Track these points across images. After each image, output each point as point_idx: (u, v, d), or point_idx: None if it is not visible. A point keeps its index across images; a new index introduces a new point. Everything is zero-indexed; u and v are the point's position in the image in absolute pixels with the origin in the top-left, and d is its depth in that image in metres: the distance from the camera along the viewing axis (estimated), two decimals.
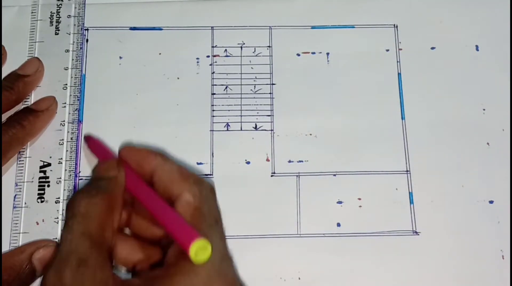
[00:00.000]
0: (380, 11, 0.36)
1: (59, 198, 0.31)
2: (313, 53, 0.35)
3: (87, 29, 0.35)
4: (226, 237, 0.31)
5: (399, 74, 0.34)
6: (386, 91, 0.34)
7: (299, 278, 0.30)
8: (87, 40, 0.35)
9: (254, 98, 0.34)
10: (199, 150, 0.33)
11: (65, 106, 0.33)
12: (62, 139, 0.32)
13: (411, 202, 0.32)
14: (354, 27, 0.35)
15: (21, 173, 0.32)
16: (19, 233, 0.31)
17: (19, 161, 0.32)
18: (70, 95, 0.33)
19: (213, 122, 0.33)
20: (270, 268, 0.31)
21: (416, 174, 0.32)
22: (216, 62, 0.35)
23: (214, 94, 0.34)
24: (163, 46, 0.35)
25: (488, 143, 0.33)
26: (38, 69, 0.33)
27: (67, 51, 0.34)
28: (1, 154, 0.29)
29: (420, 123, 0.33)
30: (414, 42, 0.35)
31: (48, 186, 0.32)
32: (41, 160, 0.32)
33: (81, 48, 0.34)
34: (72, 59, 0.34)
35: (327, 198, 0.32)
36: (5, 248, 0.30)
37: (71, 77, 0.34)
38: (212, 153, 0.33)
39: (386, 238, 0.31)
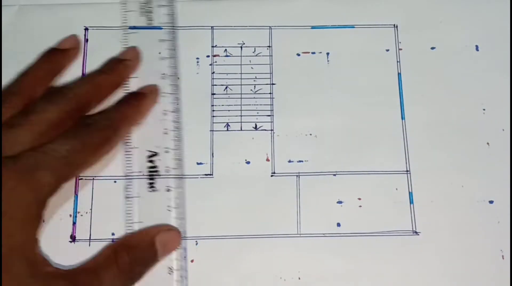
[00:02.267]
0: (380, 11, 0.36)
1: (169, 186, 0.32)
2: (313, 53, 0.35)
3: (87, 29, 0.35)
4: (226, 237, 0.31)
5: (399, 74, 0.34)
6: (386, 91, 0.34)
7: (299, 278, 0.30)
8: (87, 40, 0.35)
9: (254, 98, 0.34)
10: (199, 150, 0.33)
11: (165, 96, 0.33)
12: (166, 128, 0.33)
13: (411, 202, 0.32)
14: (354, 27, 0.35)
15: (130, 163, 0.32)
16: (134, 222, 0.31)
17: (127, 152, 0.32)
18: (170, 85, 0.33)
19: (213, 122, 0.33)
20: (270, 268, 0.31)
21: (416, 174, 0.32)
22: (216, 62, 0.35)
23: (214, 94, 0.34)
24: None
25: (488, 143, 0.33)
26: (137, 56, 0.34)
27: (161, 40, 0.34)
28: None
29: (420, 123, 0.33)
30: (414, 42, 0.35)
31: (158, 175, 0.32)
32: (148, 150, 0.32)
33: (174, 37, 0.35)
34: (167, 49, 0.34)
35: (327, 198, 0.32)
36: None
37: (168, 66, 0.34)
38: (212, 153, 0.33)
39: (386, 238, 0.31)
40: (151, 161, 0.32)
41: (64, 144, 0.28)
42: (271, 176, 0.32)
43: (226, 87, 0.34)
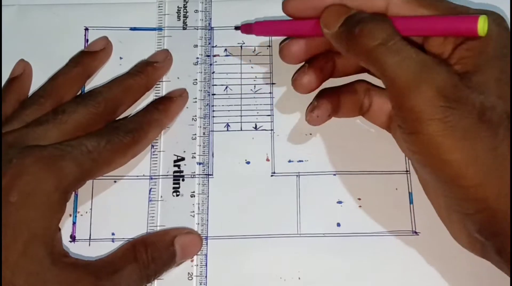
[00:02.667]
0: None
1: (194, 192, 0.32)
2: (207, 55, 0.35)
3: (87, 29, 0.35)
4: (226, 237, 0.31)
5: None
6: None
7: (299, 278, 0.30)
8: (87, 40, 0.35)
9: (254, 98, 0.34)
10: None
11: (196, 101, 0.33)
12: (195, 134, 0.33)
13: (411, 202, 0.32)
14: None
15: (156, 167, 0.32)
16: (156, 226, 0.31)
17: (153, 155, 0.32)
18: (200, 90, 0.34)
19: (213, 122, 0.33)
20: (270, 268, 0.31)
21: (416, 174, 0.32)
22: (216, 62, 0.35)
23: (214, 94, 0.34)
24: (163, 46, 0.35)
25: None
26: (167, 58, 0.34)
27: (196, 46, 0.34)
28: None
29: None
30: None
31: (183, 180, 0.32)
32: (174, 154, 0.32)
33: (209, 43, 0.35)
34: (201, 54, 0.34)
35: (327, 198, 0.32)
36: None
37: (200, 72, 0.34)
38: (212, 153, 0.33)
39: (386, 238, 0.31)
40: (177, 166, 0.32)
41: (90, 140, 0.28)
42: (271, 176, 0.32)
43: (226, 87, 0.34)
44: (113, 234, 0.31)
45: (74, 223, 0.31)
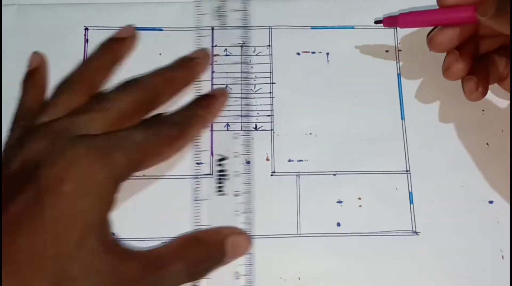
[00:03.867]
0: (379, 12, 0.36)
1: (237, 191, 0.32)
2: (313, 53, 0.35)
3: (87, 29, 0.35)
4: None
5: (399, 75, 0.34)
6: (386, 91, 0.34)
7: (299, 278, 0.30)
8: (87, 40, 0.35)
9: (254, 98, 0.34)
10: (199, 150, 0.33)
11: (237, 100, 0.33)
12: (237, 133, 0.33)
13: (411, 202, 0.32)
14: (353, 28, 0.35)
15: (199, 166, 0.32)
16: (201, 225, 0.31)
17: (196, 154, 0.32)
18: (241, 90, 0.34)
19: (213, 122, 0.33)
20: (270, 268, 0.31)
21: (416, 174, 0.32)
22: (216, 61, 0.35)
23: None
24: (163, 46, 0.35)
25: (487, 144, 0.33)
26: (206, 55, 0.34)
27: (238, 45, 0.35)
28: None
29: (420, 123, 0.33)
30: (413, 43, 0.35)
31: (226, 179, 0.32)
32: (217, 154, 0.32)
33: (245, 42, 0.35)
34: (241, 55, 0.34)
35: (327, 197, 0.32)
36: None
37: (240, 71, 0.34)
38: (212, 153, 0.33)
39: (386, 238, 0.31)
40: (220, 165, 0.32)
41: (139, 132, 0.28)
42: (271, 175, 0.32)
43: (226, 87, 0.34)
44: (113, 234, 0.30)
45: None
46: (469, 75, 0.31)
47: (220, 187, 0.32)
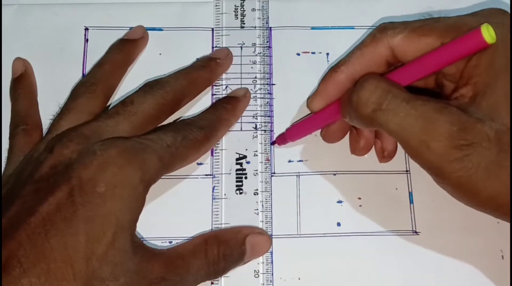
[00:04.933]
0: (379, 12, 0.36)
1: (257, 190, 0.32)
2: (313, 53, 0.35)
3: (87, 29, 0.35)
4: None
5: None
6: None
7: (299, 278, 0.30)
8: (87, 40, 0.35)
9: (254, 98, 0.34)
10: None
11: (256, 99, 0.33)
12: (256, 132, 0.33)
13: (411, 202, 0.32)
14: (354, 28, 0.35)
15: (218, 165, 0.32)
16: (221, 224, 0.31)
17: (215, 153, 0.32)
18: (260, 89, 0.34)
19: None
20: (270, 268, 0.31)
21: (416, 174, 0.32)
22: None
23: (214, 94, 0.34)
24: (163, 46, 0.35)
25: None
26: (228, 56, 0.34)
27: (254, 44, 0.35)
28: None
29: None
30: None
31: (246, 178, 0.32)
32: (236, 153, 0.32)
33: (267, 42, 0.35)
34: (259, 53, 0.35)
35: (327, 197, 0.32)
36: None
37: (259, 71, 0.34)
38: (212, 153, 0.33)
39: (386, 238, 0.31)
40: (239, 164, 0.32)
41: (168, 135, 0.28)
42: (271, 176, 0.32)
43: (226, 87, 0.34)
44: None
45: None
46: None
47: (239, 185, 0.32)
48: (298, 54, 0.35)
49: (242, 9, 0.36)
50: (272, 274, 0.30)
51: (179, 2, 0.36)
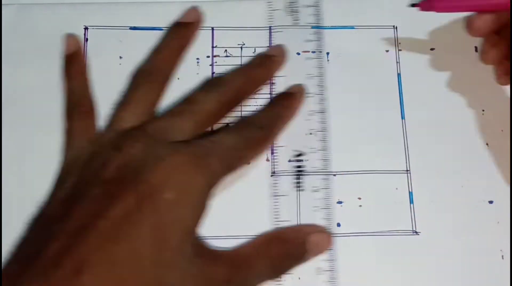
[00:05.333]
0: (379, 12, 0.36)
1: (316, 187, 0.32)
2: (313, 52, 0.35)
3: (87, 28, 0.35)
4: (226, 237, 0.31)
5: (399, 75, 0.34)
6: (386, 91, 0.34)
7: (299, 278, 0.30)
8: (86, 40, 0.35)
9: (254, 98, 0.34)
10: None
11: (312, 96, 0.33)
12: (313, 129, 0.33)
13: (411, 202, 0.32)
14: (354, 28, 0.35)
15: (277, 162, 0.32)
16: (281, 221, 0.31)
17: (274, 150, 0.32)
18: (315, 85, 0.34)
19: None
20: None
21: (416, 174, 0.32)
22: (216, 62, 0.35)
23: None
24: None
25: (487, 144, 0.33)
26: (283, 53, 0.33)
27: (308, 41, 0.34)
28: None
29: (420, 123, 0.33)
30: (414, 43, 0.35)
31: (304, 175, 0.32)
32: (294, 150, 0.32)
33: (320, 39, 0.35)
34: (313, 51, 0.34)
35: (327, 198, 0.32)
36: None
37: (314, 66, 0.34)
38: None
39: (386, 238, 0.31)
40: (298, 161, 0.32)
41: (230, 137, 0.28)
42: (271, 176, 0.32)
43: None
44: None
45: None
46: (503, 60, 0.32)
47: (298, 182, 0.32)
48: (298, 54, 0.35)
49: (294, 5, 0.36)
50: (337, 271, 0.30)
51: (179, 1, 0.36)
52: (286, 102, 0.32)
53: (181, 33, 0.33)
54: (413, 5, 0.32)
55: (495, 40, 0.32)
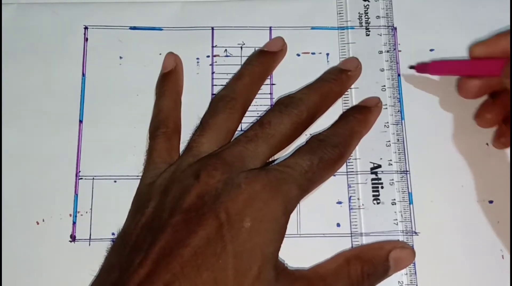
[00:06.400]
0: (379, 12, 0.36)
1: (394, 199, 0.32)
2: (313, 53, 0.35)
3: (87, 28, 0.35)
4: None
5: (399, 75, 0.34)
6: (386, 91, 0.34)
7: None
8: (86, 39, 0.35)
9: (254, 98, 0.34)
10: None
11: (386, 108, 0.33)
12: (389, 141, 0.33)
13: (411, 202, 0.32)
14: (353, 28, 0.35)
15: (353, 174, 0.32)
16: (361, 234, 0.31)
17: (349, 163, 0.32)
18: (390, 97, 0.33)
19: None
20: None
21: (416, 174, 0.32)
22: (216, 62, 0.35)
23: (214, 94, 0.34)
24: (163, 46, 0.35)
25: (487, 144, 0.33)
26: (357, 67, 0.33)
27: (381, 52, 0.34)
28: None
29: (420, 123, 0.33)
30: (413, 44, 0.35)
31: (382, 187, 0.32)
32: (371, 162, 0.32)
33: (394, 49, 0.35)
34: (387, 60, 0.34)
35: (327, 198, 0.32)
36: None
37: (388, 78, 0.34)
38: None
39: (386, 238, 0.31)
40: (374, 173, 0.32)
41: (305, 159, 0.28)
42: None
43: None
44: (113, 234, 0.31)
45: (74, 223, 0.31)
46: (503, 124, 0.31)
47: (376, 195, 0.32)
48: (298, 55, 0.35)
49: (366, 16, 0.36)
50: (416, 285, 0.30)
51: (179, 1, 0.36)
52: (362, 117, 0.32)
53: (264, 61, 0.33)
54: (411, 67, 0.33)
55: (489, 104, 0.32)
